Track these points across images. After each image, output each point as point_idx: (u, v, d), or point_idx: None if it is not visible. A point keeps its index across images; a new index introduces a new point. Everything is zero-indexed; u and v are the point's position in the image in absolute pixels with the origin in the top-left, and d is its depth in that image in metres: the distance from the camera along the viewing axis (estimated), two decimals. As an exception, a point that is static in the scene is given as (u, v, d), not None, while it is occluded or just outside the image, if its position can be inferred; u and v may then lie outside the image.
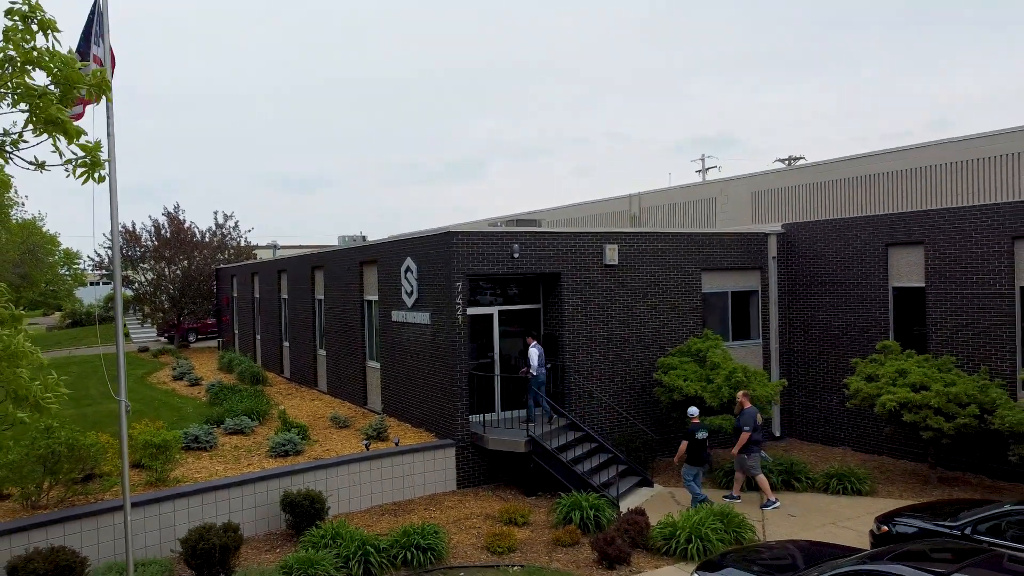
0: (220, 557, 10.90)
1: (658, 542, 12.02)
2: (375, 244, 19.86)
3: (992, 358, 15.38)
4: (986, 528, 10.00)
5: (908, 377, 14.84)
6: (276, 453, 15.23)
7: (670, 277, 18.01)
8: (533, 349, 15.74)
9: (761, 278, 19.54)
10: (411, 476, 14.97)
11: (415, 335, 17.08)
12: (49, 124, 4.38)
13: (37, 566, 9.82)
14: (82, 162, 4.75)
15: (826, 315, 18.74)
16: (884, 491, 15.06)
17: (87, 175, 4.89)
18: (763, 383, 15.74)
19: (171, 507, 12.31)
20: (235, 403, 19.40)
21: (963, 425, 14.09)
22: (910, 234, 16.87)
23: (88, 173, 4.88)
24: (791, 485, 15.25)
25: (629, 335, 17.39)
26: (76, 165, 4.75)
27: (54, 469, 12.37)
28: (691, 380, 15.85)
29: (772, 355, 19.57)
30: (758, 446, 14.42)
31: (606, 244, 17.15)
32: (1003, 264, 15.24)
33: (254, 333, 31.08)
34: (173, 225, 39.20)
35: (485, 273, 16.01)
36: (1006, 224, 15.16)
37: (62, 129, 4.45)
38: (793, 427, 19.65)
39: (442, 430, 15.97)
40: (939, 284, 16.34)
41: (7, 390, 6.09)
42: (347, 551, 11.28)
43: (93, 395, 24.23)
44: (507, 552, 12.16)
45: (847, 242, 18.18)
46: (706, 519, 12.05)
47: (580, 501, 13.15)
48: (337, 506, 13.82)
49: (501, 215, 35.77)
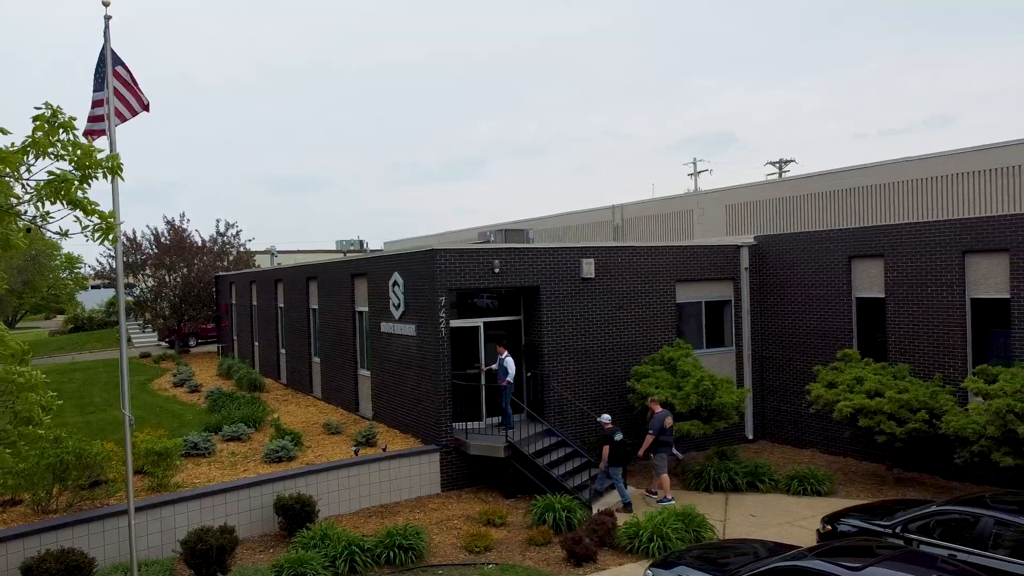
0: (217, 557, 11.84)
1: (623, 541, 12.96)
2: (366, 258, 20.79)
3: (946, 366, 16.30)
4: (916, 527, 10.92)
5: (864, 384, 15.78)
6: (270, 459, 16.17)
7: (645, 288, 18.93)
8: (509, 359, 16.67)
9: (734, 288, 20.46)
10: (398, 480, 15.91)
11: (402, 346, 18.01)
12: (72, 204, 5.34)
13: (49, 566, 10.77)
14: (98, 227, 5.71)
15: (795, 323, 19.67)
16: (843, 492, 15.99)
17: (103, 237, 5.87)
18: (729, 391, 16.67)
19: (172, 511, 13.25)
20: (233, 410, 20.35)
21: (914, 430, 15.03)
22: (871, 247, 17.79)
23: (104, 235, 5.86)
24: (755, 486, 16.19)
25: (605, 344, 18.31)
26: (94, 231, 5.72)
27: (63, 476, 13.31)
28: (662, 388, 16.78)
29: (745, 361, 20.50)
30: (666, 447, 15.58)
31: (583, 258, 18.07)
32: (955, 277, 16.16)
33: (252, 340, 32.03)
34: (174, 233, 40.20)
35: (468, 287, 16.94)
36: (958, 239, 16.08)
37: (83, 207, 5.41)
38: (765, 430, 20.57)
39: (427, 436, 16.91)
40: (897, 295, 17.26)
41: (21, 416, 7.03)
42: (334, 551, 12.22)
43: (97, 402, 25.16)
44: (484, 551, 13.09)
45: (814, 254, 19.11)
46: (668, 519, 12.98)
47: (553, 503, 14.09)
48: (327, 509, 14.76)
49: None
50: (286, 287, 27.31)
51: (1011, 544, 9.87)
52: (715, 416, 16.51)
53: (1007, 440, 13.48)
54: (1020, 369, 14.28)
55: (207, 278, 39.16)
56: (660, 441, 15.54)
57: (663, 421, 15.58)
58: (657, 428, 15.54)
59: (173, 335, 41.01)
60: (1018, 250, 15.08)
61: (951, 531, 10.53)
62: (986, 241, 15.60)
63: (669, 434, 15.65)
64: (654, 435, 15.52)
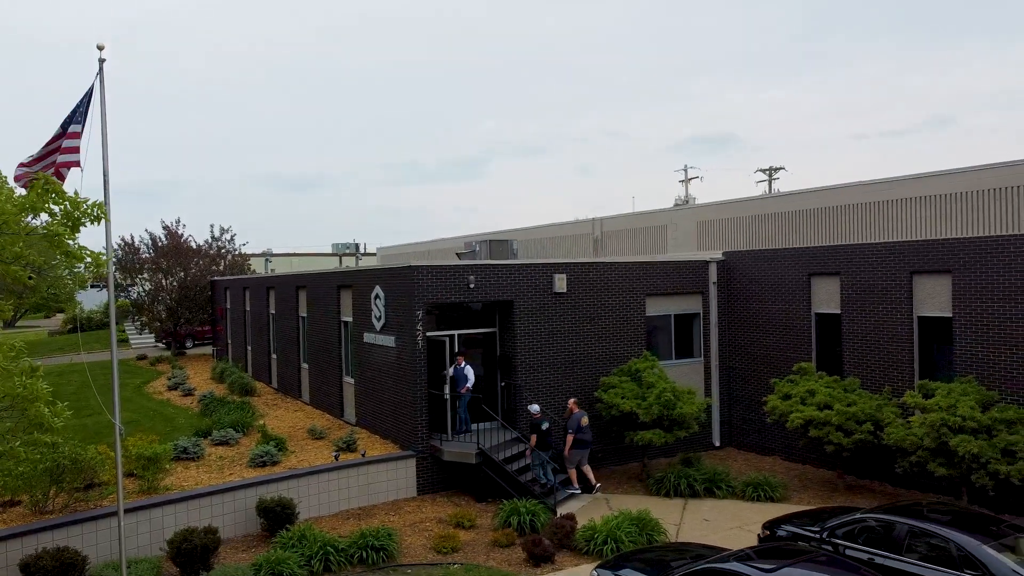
0: (201, 556, 12.80)
1: (581, 543, 13.91)
2: (351, 271, 21.74)
3: (895, 379, 17.25)
4: (842, 533, 11.87)
5: (816, 397, 16.74)
6: (256, 463, 17.11)
7: (615, 302, 19.86)
8: (468, 367, 17.71)
9: (703, 301, 21.40)
10: (376, 484, 16.86)
11: (383, 356, 18.95)
12: (64, 254, 6.30)
13: (46, 563, 11.72)
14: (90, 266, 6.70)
15: (760, 336, 20.61)
16: (796, 498, 16.95)
17: (95, 272, 6.87)
18: (690, 402, 17.61)
19: (160, 512, 14.20)
20: (223, 415, 21.30)
21: (860, 440, 16.00)
22: (828, 266, 18.74)
23: (95, 272, 6.84)
24: (713, 492, 17.14)
25: (576, 356, 19.25)
26: (86, 268, 6.71)
27: (59, 479, 14.26)
28: (628, 398, 17.72)
29: (712, 372, 21.45)
30: (583, 444, 17.06)
31: (555, 274, 19.01)
32: (904, 296, 17.11)
33: (245, 344, 32.97)
34: (171, 238, 41.16)
35: (444, 302, 17.88)
36: (906, 260, 17.03)
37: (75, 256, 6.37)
38: (732, 437, 21.52)
39: (405, 442, 17.86)
40: (852, 311, 18.21)
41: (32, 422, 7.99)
42: (310, 551, 13.17)
43: (93, 406, 25.99)
44: (451, 552, 14.05)
45: (777, 270, 20.06)
46: (622, 523, 13.94)
47: (518, 507, 15.05)
48: (308, 511, 15.71)
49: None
50: (277, 295, 28.25)
51: (922, 549, 10.82)
52: (676, 425, 17.44)
53: (941, 451, 14.43)
54: (957, 384, 15.23)
55: (203, 282, 40.11)
56: (578, 439, 17.03)
57: (579, 420, 17.15)
58: (575, 426, 17.07)
59: (169, 337, 41.97)
60: (960, 272, 16.03)
61: (871, 537, 11.47)
62: (932, 263, 16.55)
63: (586, 432, 17.22)
64: (573, 433, 17.03)
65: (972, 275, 15.80)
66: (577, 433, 17.01)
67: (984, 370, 15.61)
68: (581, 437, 17.06)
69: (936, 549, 10.66)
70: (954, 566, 10.34)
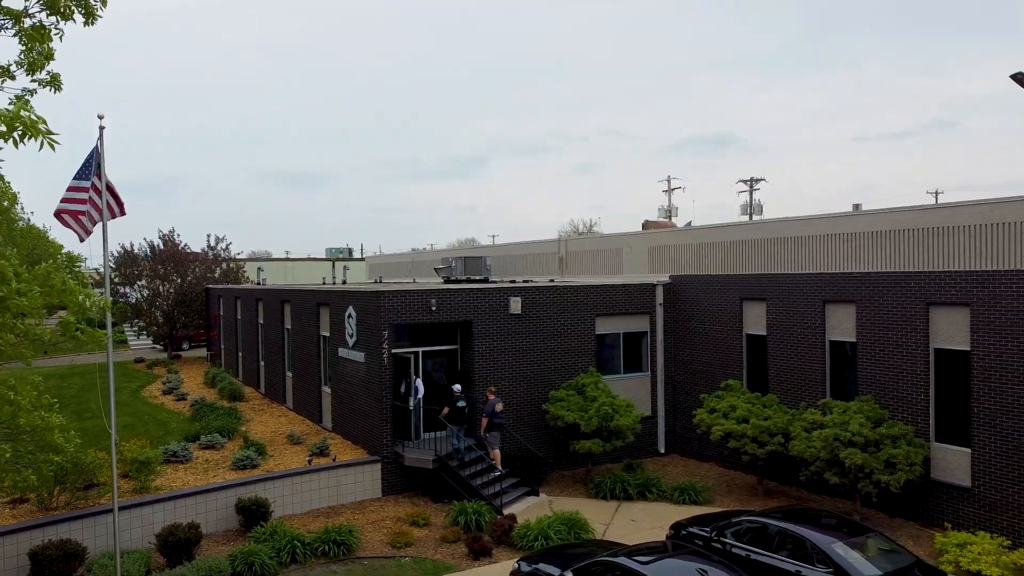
0: (185, 547, 14.85)
1: (517, 540, 15.95)
2: (328, 291, 23.74)
3: (809, 396, 19.27)
4: (729, 532, 13.90)
5: (736, 411, 18.78)
6: (237, 466, 19.13)
7: (568, 322, 21.87)
8: (419, 381, 19.80)
9: (650, 321, 23.43)
10: (344, 486, 18.90)
11: (354, 369, 20.98)
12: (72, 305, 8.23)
13: (51, 553, 13.78)
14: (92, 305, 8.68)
15: (700, 353, 22.64)
16: (719, 501, 18.98)
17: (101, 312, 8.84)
18: (628, 414, 19.63)
19: (151, 510, 16.24)
20: (211, 421, 23.34)
21: (772, 451, 18.04)
22: (756, 292, 20.77)
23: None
24: (645, 495, 19.17)
25: (530, 371, 21.27)
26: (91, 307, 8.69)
27: (62, 480, 16.26)
28: (572, 410, 19.75)
29: (658, 385, 23.49)
30: (497, 427, 19.27)
31: (511, 297, 21.03)
32: (818, 321, 19.14)
33: (237, 350, 35.00)
34: (168, 246, 43.22)
35: (409, 322, 19.91)
36: (820, 290, 19.06)
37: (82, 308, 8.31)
38: (676, 445, 23.55)
39: (372, 448, 19.89)
40: (776, 334, 20.24)
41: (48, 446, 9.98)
42: (279, 544, 15.21)
43: (93, 409, 28.05)
44: (404, 547, 16.08)
45: (714, 294, 22.08)
46: (553, 523, 15.97)
47: (466, 507, 17.09)
48: (282, 510, 17.75)
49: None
50: (265, 306, 30.26)
51: (788, 547, 12.85)
52: (614, 436, 19.47)
53: (835, 462, 16.47)
54: (855, 403, 17.27)
55: (198, 289, 42.14)
56: (494, 423, 19.23)
57: (495, 406, 19.27)
58: (490, 411, 19.23)
59: (166, 340, 44.02)
60: (862, 302, 18.06)
61: (751, 536, 13.50)
62: (840, 293, 18.58)
63: (501, 417, 19.39)
64: (488, 417, 19.19)
65: (871, 306, 17.83)
66: (492, 417, 19.23)
67: (880, 390, 17.65)
68: (496, 421, 19.29)
69: (798, 547, 12.69)
70: (811, 561, 12.38)
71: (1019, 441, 15.18)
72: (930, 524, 16.62)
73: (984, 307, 15.69)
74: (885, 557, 12.36)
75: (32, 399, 9.70)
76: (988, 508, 15.70)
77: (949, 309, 16.44)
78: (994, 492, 15.62)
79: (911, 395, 17.12)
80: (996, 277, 15.50)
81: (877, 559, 12.24)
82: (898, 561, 12.33)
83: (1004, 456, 15.43)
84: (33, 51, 7.59)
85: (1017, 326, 15.15)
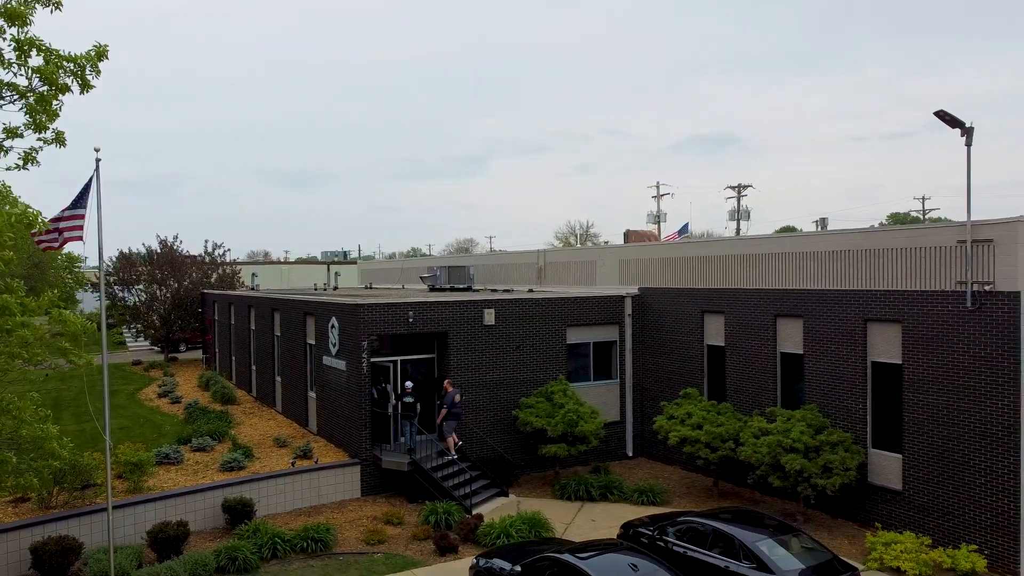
0: (173, 543, 16.13)
1: (482, 537, 17.23)
2: (314, 302, 24.98)
3: (762, 404, 20.54)
4: (671, 531, 15.17)
5: (692, 418, 20.06)
6: (225, 468, 20.41)
7: (539, 332, 23.15)
8: (388, 387, 21.11)
9: (619, 331, 24.71)
10: (326, 486, 20.18)
11: (336, 377, 22.26)
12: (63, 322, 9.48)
13: (51, 547, 15.07)
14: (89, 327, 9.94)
15: (666, 362, 23.92)
16: (676, 502, 20.26)
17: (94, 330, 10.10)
18: (592, 421, 20.89)
19: (143, 509, 17.52)
20: (202, 424, 24.62)
21: (723, 456, 19.31)
22: (716, 305, 22.05)
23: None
24: (607, 497, 20.44)
25: (503, 379, 22.53)
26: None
27: (61, 481, 17.54)
28: (540, 416, 21.03)
29: (627, 392, 24.77)
30: (455, 418, 20.57)
31: (485, 309, 22.31)
32: (770, 334, 20.42)
33: (230, 354, 36.28)
34: (166, 250, 44.50)
35: (388, 333, 21.19)
36: (771, 304, 20.34)
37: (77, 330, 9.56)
38: (644, 448, 24.83)
39: (353, 451, 21.16)
40: (733, 345, 21.52)
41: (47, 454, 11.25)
42: (261, 541, 16.49)
43: (91, 412, 29.36)
44: (378, 544, 17.36)
45: (679, 306, 23.36)
46: (515, 522, 17.25)
47: (437, 507, 18.36)
48: (266, 509, 19.02)
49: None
50: (256, 313, 31.54)
51: (720, 544, 14.13)
52: (579, 441, 20.74)
53: (778, 467, 17.75)
54: (799, 412, 18.56)
55: (194, 294, 43.41)
56: (452, 413, 20.53)
57: (453, 398, 20.54)
58: (449, 402, 20.50)
59: (163, 342, 45.28)
60: (809, 316, 19.33)
61: (690, 535, 14.78)
62: (789, 308, 19.86)
63: (459, 407, 20.65)
64: (447, 408, 20.45)
65: (817, 320, 19.12)
66: (451, 408, 20.53)
67: (824, 400, 18.93)
68: (454, 411, 20.59)
69: (729, 545, 13.97)
70: (738, 558, 13.66)
71: (943, 448, 16.47)
72: (866, 524, 17.90)
73: (913, 324, 16.98)
74: (804, 554, 13.66)
75: (32, 412, 10.98)
76: (917, 510, 16.99)
77: (884, 325, 17.73)
78: (922, 495, 16.90)
79: (851, 404, 18.40)
80: (924, 296, 16.78)
81: (797, 555, 13.53)
82: (816, 557, 13.63)
83: (930, 462, 16.72)
84: (37, 118, 8.80)
85: (941, 342, 16.43)
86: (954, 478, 16.28)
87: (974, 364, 15.87)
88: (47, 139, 9.34)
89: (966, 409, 16.04)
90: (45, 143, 9.40)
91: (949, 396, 16.32)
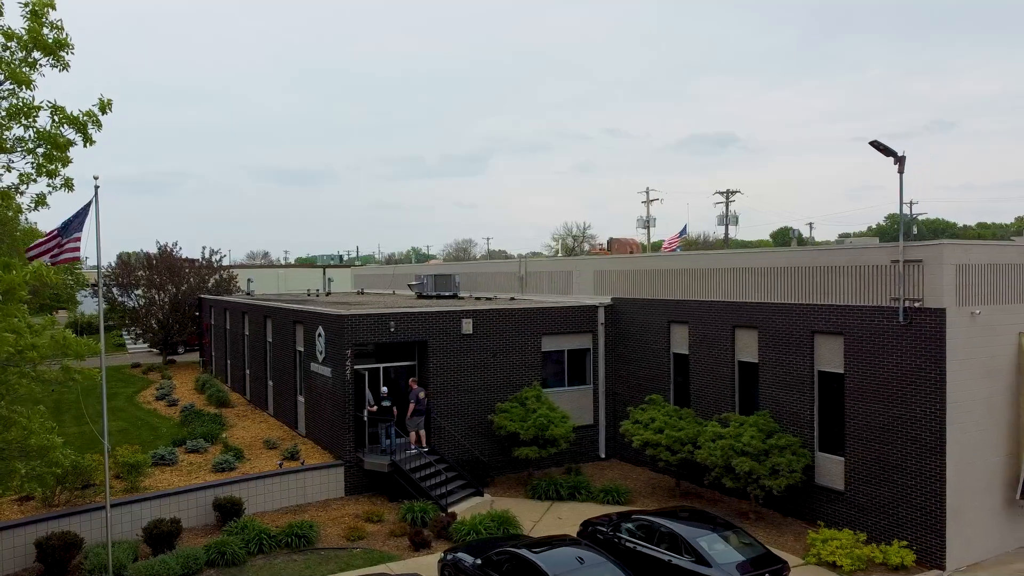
0: (167, 539, 17.45)
1: (454, 534, 18.54)
2: (303, 311, 26.29)
3: (721, 410, 21.85)
4: (624, 528, 16.49)
5: (655, 423, 21.37)
6: (217, 469, 21.72)
7: (515, 341, 24.45)
8: (370, 393, 22.38)
9: (593, 339, 26.02)
10: (311, 486, 21.49)
11: (323, 383, 23.57)
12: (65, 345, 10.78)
13: (54, 543, 16.39)
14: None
15: (636, 368, 25.23)
16: (640, 501, 21.57)
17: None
18: (562, 425, 22.20)
19: (139, 507, 18.82)
20: (197, 427, 25.94)
21: (683, 459, 20.63)
22: (680, 316, 23.36)
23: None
24: (575, 496, 21.75)
25: (480, 385, 23.84)
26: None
27: (63, 481, 18.86)
28: (514, 420, 22.35)
29: (600, 396, 26.08)
30: (420, 414, 22.02)
31: (463, 319, 23.62)
32: (728, 344, 21.73)
33: (226, 358, 37.61)
34: (165, 256, 45.82)
35: (371, 342, 22.50)
36: (729, 316, 21.65)
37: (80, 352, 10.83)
38: (615, 451, 26.14)
39: (338, 452, 22.48)
40: (696, 353, 22.83)
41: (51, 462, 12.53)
42: (248, 537, 17.80)
43: (91, 414, 30.64)
44: (358, 540, 18.67)
45: (647, 316, 24.67)
46: (484, 520, 18.56)
47: (414, 506, 19.67)
48: (254, 507, 20.33)
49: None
50: (250, 319, 32.85)
51: (666, 540, 15.45)
52: (549, 444, 22.05)
53: (730, 469, 19.07)
54: (752, 417, 19.87)
55: (192, 299, 44.74)
56: (418, 410, 21.96)
57: (418, 394, 21.98)
58: (415, 398, 21.93)
59: (162, 345, 46.62)
60: (763, 328, 20.65)
61: (640, 532, 16.10)
62: (745, 319, 21.17)
63: (423, 404, 22.10)
64: (414, 403, 21.88)
65: (770, 331, 20.43)
66: (417, 404, 21.91)
67: (776, 406, 20.25)
68: (420, 408, 21.98)
69: (673, 541, 15.29)
70: (680, 552, 14.99)
71: (879, 451, 17.78)
72: (812, 522, 19.21)
73: (854, 336, 18.30)
74: (740, 548, 14.99)
75: (40, 424, 12.29)
76: (857, 509, 18.31)
77: (829, 337, 19.05)
78: (861, 495, 18.22)
79: (800, 410, 19.71)
80: (863, 311, 18.09)
81: (733, 550, 14.86)
82: (751, 552, 14.96)
83: (868, 464, 18.04)
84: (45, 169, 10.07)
85: (878, 353, 17.75)
86: (889, 480, 17.59)
87: (905, 374, 17.19)
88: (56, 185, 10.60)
89: (899, 416, 17.36)
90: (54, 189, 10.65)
91: (884, 403, 17.64)
